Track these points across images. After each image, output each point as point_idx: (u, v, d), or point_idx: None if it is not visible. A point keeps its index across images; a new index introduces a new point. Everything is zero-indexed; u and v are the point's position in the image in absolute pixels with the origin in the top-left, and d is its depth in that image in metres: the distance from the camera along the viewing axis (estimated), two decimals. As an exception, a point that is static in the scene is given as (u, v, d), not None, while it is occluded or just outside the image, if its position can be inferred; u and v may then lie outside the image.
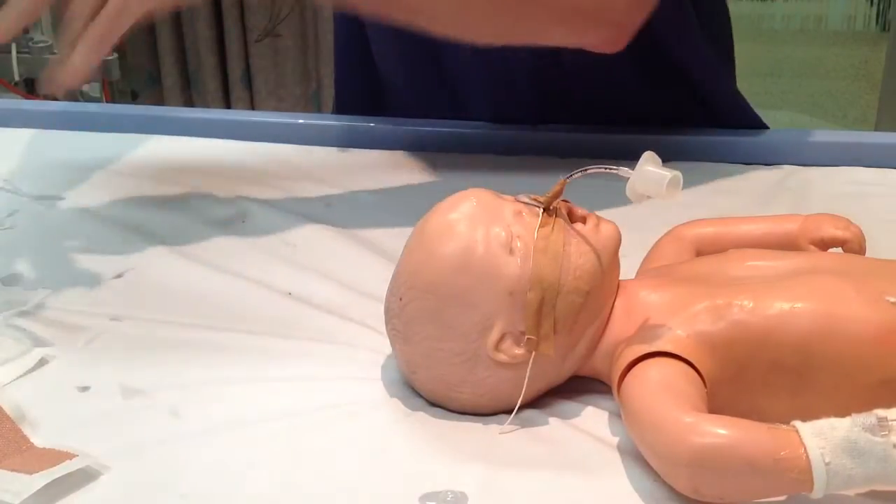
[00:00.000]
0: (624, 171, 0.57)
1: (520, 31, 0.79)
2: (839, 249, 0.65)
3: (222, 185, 0.91)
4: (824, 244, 0.65)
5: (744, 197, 0.86)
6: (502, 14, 0.78)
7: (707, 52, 0.99)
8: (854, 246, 0.65)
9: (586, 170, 0.59)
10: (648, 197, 0.56)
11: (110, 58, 2.44)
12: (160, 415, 0.59)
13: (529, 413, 0.59)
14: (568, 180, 0.58)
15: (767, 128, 1.04)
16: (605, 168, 0.58)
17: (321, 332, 0.68)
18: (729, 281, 0.58)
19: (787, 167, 0.91)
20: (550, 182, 0.59)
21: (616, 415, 0.58)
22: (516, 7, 0.77)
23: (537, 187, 0.59)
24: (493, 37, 0.81)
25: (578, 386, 0.61)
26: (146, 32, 2.76)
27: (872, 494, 0.50)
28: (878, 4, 3.51)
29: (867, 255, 0.65)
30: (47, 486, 0.52)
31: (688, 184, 0.83)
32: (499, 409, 0.59)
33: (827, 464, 0.47)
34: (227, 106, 2.83)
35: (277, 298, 0.72)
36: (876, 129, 2.39)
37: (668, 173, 0.55)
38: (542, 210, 0.58)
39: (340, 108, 1.10)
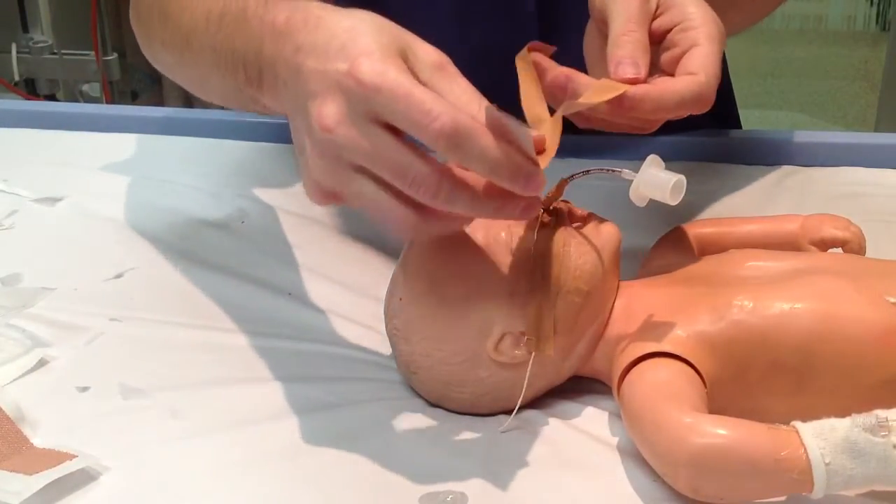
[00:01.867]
0: (627, 173, 0.57)
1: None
2: (839, 250, 0.65)
3: (222, 185, 0.91)
4: (824, 244, 0.65)
5: (744, 197, 0.86)
6: None
7: None
8: (854, 246, 0.65)
9: (588, 171, 0.59)
10: (651, 200, 0.56)
11: (110, 58, 2.44)
12: (160, 415, 0.59)
13: (529, 413, 0.59)
14: (569, 181, 0.58)
15: (740, 126, 1.05)
16: (608, 169, 0.58)
17: (321, 332, 0.68)
18: (729, 281, 0.58)
19: (787, 167, 0.91)
20: (551, 182, 0.58)
21: (616, 415, 0.58)
22: None
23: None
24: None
25: (578, 386, 0.61)
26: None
27: (872, 494, 0.50)
28: (878, 4, 3.50)
29: (867, 255, 0.65)
30: (47, 486, 0.52)
31: (688, 184, 0.83)
32: (499, 409, 0.59)
33: (827, 464, 0.47)
34: (227, 106, 2.83)
35: (277, 298, 0.72)
36: (876, 130, 2.38)
37: (672, 177, 0.55)
38: (542, 210, 0.58)
39: None
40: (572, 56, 0.60)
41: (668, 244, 0.67)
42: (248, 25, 0.60)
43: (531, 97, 0.57)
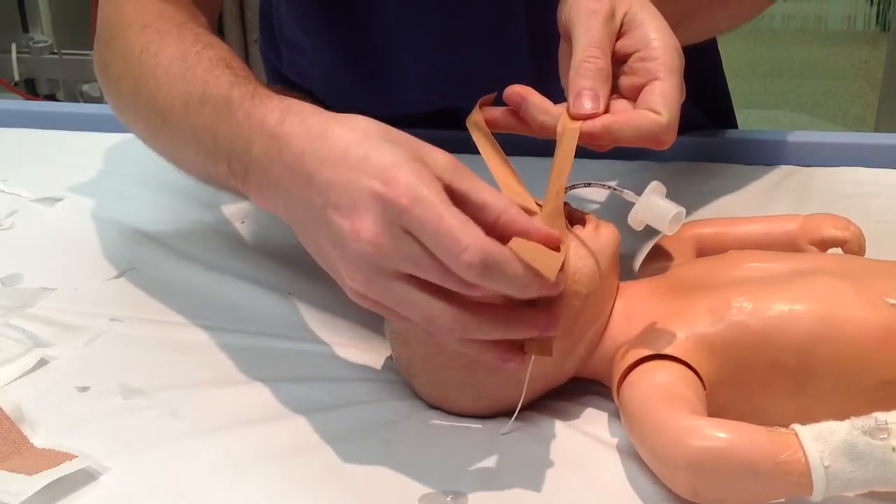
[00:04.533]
0: (628, 194, 0.56)
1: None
2: (839, 250, 0.65)
3: (222, 185, 0.91)
4: (824, 244, 0.65)
5: (744, 197, 0.86)
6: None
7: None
8: (854, 246, 0.65)
9: (589, 183, 0.59)
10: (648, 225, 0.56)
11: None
12: (160, 415, 0.59)
13: (529, 414, 0.59)
14: (569, 190, 0.58)
15: (736, 126, 1.05)
16: (610, 187, 0.58)
17: (321, 332, 0.68)
18: (728, 282, 0.58)
19: (787, 167, 0.91)
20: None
21: (616, 416, 0.58)
22: None
23: (538, 189, 0.59)
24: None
25: (578, 387, 0.61)
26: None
27: (872, 495, 0.50)
28: (878, 4, 3.50)
29: (867, 255, 0.65)
30: (47, 486, 0.52)
31: (687, 184, 0.83)
32: (499, 410, 0.59)
33: (826, 467, 0.47)
34: (227, 105, 2.82)
35: (277, 298, 0.72)
36: (876, 130, 2.38)
37: (671, 209, 0.55)
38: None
39: None
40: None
41: (667, 245, 0.67)
42: (233, 118, 0.59)
43: (503, 177, 0.58)
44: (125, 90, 0.73)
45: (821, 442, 0.47)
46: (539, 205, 0.58)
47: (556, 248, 0.52)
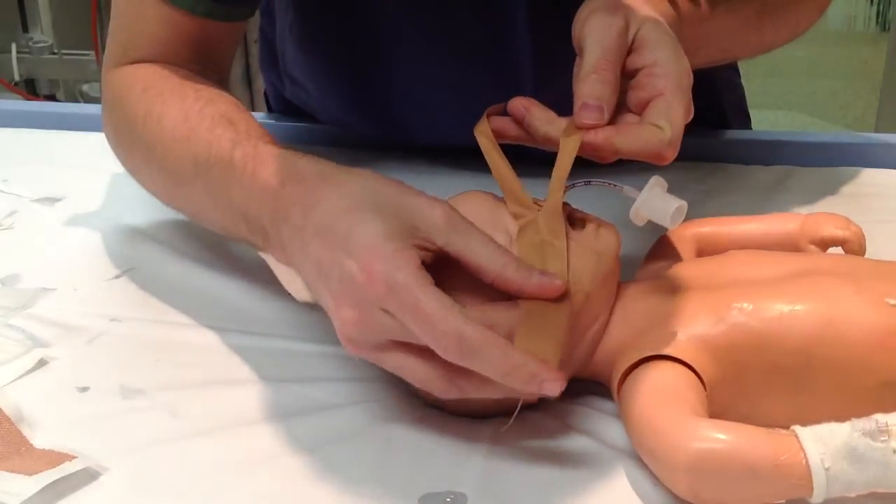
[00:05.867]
0: (628, 190, 0.56)
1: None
2: (839, 249, 0.65)
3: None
4: (824, 244, 0.65)
5: (744, 197, 0.86)
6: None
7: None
8: (854, 245, 0.65)
9: (589, 181, 0.59)
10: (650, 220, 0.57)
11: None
12: (160, 415, 0.59)
13: (529, 414, 0.59)
14: (569, 188, 0.58)
15: (750, 126, 1.05)
16: (610, 184, 0.58)
17: (321, 332, 0.68)
18: (728, 283, 0.58)
19: (786, 167, 0.91)
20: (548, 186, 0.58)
21: (616, 416, 0.58)
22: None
23: (539, 190, 0.59)
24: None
25: (578, 387, 0.61)
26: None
27: (873, 495, 0.50)
28: (878, 4, 3.51)
29: (867, 255, 0.65)
30: (47, 486, 0.52)
31: (688, 183, 0.83)
32: (499, 410, 0.58)
33: (826, 469, 0.47)
34: (227, 106, 2.83)
35: (278, 299, 0.72)
36: (876, 130, 2.38)
37: (673, 203, 0.55)
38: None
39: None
40: None
41: (667, 245, 0.67)
42: (240, 181, 0.61)
43: (506, 182, 0.58)
44: (136, 156, 0.74)
45: (821, 444, 0.47)
46: (540, 206, 0.58)
47: (558, 299, 0.53)
